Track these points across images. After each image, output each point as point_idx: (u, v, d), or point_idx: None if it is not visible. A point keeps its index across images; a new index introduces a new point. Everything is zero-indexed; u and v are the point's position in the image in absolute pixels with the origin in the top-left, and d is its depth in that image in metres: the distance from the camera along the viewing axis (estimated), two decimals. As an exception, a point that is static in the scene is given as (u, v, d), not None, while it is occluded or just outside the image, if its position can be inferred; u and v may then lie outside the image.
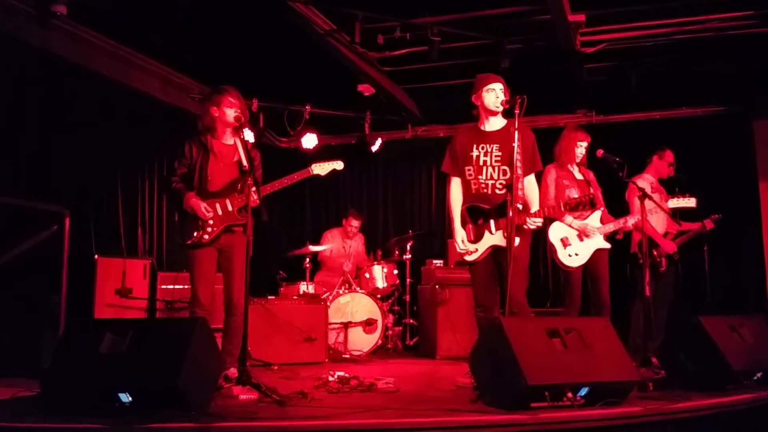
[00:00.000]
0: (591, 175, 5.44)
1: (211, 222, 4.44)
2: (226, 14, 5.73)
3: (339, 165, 4.69)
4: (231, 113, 4.46)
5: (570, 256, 5.15)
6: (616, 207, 5.69)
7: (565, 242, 5.18)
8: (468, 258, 4.46)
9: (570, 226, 5.20)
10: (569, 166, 5.32)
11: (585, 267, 5.19)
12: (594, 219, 5.24)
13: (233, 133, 4.56)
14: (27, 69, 5.40)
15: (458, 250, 4.50)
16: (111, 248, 6.12)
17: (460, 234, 4.48)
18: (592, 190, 5.24)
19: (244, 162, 4.32)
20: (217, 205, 4.46)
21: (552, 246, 5.21)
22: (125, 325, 3.66)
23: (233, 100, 4.49)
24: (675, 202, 5.29)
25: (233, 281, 4.49)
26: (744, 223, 7.26)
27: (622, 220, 5.34)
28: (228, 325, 4.47)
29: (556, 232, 5.23)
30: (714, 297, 6.22)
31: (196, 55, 6.69)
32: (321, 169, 4.67)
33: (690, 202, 5.27)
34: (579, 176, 5.33)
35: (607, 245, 5.23)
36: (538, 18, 5.80)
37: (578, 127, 5.42)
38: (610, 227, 5.27)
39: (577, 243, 5.19)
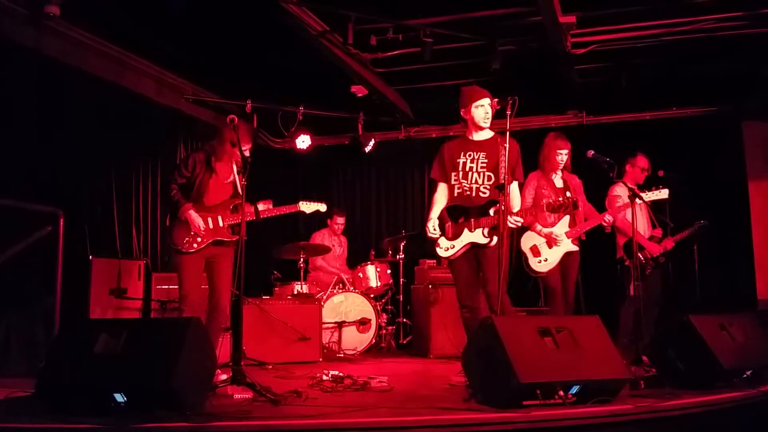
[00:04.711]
0: (575, 181, 5.53)
1: (202, 234, 4.66)
2: (219, 15, 5.73)
3: (322, 207, 5.18)
4: (246, 154, 4.64)
5: (540, 262, 5.29)
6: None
7: (535, 251, 5.31)
8: (444, 254, 4.60)
9: (539, 233, 5.30)
10: (552, 174, 5.41)
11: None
12: (560, 226, 5.33)
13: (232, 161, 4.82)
14: (20, 70, 5.38)
15: (429, 234, 4.63)
16: (105, 249, 6.12)
17: (432, 222, 4.62)
18: (569, 195, 5.29)
19: (239, 186, 4.59)
20: (209, 219, 4.72)
21: (524, 254, 5.36)
22: (120, 325, 3.68)
23: (249, 144, 4.68)
24: (647, 196, 5.32)
25: (221, 289, 4.70)
26: (733, 223, 7.32)
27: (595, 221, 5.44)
28: (210, 323, 4.57)
29: (526, 241, 5.37)
30: (704, 296, 6.26)
31: (190, 55, 6.69)
32: (307, 207, 5.11)
33: (662, 194, 5.30)
34: (559, 183, 5.41)
35: (575, 248, 5.35)
36: (529, 20, 5.81)
37: (558, 135, 5.48)
38: (580, 230, 5.37)
39: (547, 250, 5.31)
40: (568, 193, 5.28)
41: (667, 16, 5.86)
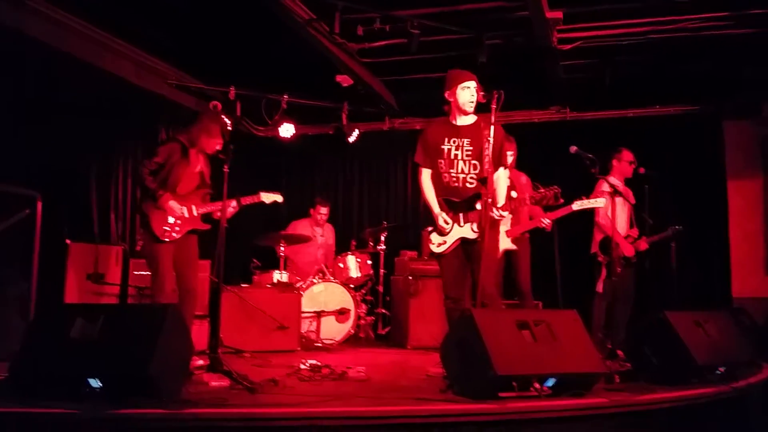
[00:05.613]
0: (522, 179, 5.72)
1: (179, 223, 4.68)
2: (205, 0, 5.68)
3: (279, 198, 5.29)
4: (217, 148, 4.77)
5: None
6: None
7: None
8: (437, 250, 4.51)
9: None
10: None
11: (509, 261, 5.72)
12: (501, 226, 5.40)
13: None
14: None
15: (443, 226, 4.46)
16: (83, 233, 6.05)
17: (441, 216, 4.46)
18: (513, 194, 5.30)
19: (206, 175, 4.88)
20: (184, 209, 4.71)
21: None
22: (96, 310, 3.65)
23: (221, 140, 4.74)
24: (579, 204, 5.33)
25: (190, 274, 4.73)
26: (711, 221, 7.41)
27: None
28: (183, 305, 4.58)
29: None
30: (680, 293, 6.33)
31: (174, 40, 6.62)
32: (267, 197, 5.19)
33: (598, 203, 5.34)
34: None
35: (514, 246, 5.65)
36: (516, 14, 5.82)
37: (506, 136, 5.57)
38: (519, 230, 5.66)
39: None
40: (513, 193, 5.29)
41: (653, 15, 5.90)
